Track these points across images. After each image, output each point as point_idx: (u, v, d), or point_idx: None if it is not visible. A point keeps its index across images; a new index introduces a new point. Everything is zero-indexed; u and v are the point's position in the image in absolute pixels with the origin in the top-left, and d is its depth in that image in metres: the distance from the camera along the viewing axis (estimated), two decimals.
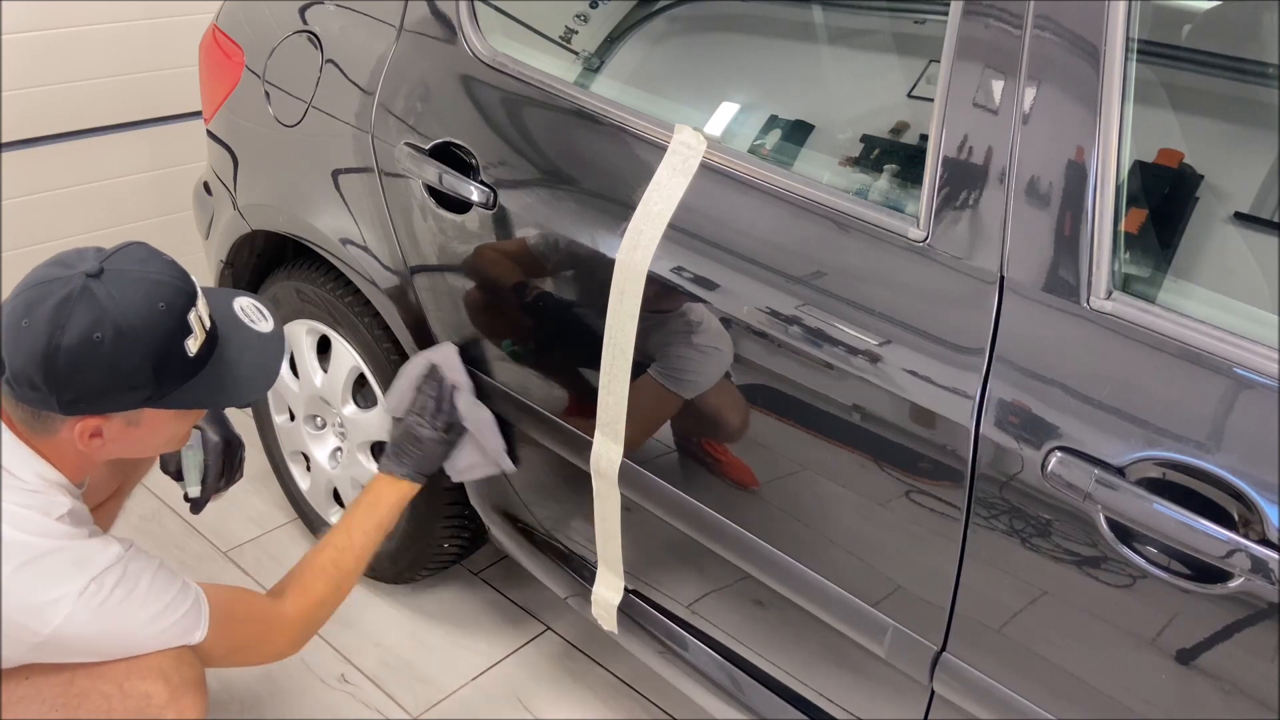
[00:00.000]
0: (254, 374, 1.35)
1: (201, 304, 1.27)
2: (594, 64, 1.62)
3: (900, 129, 1.38)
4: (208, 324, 1.28)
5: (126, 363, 1.20)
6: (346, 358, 1.94)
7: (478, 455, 1.69)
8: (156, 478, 1.69)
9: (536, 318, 1.59)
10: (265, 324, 1.38)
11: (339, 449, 2.10)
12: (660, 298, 1.37)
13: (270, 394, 2.17)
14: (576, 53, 1.65)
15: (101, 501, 1.64)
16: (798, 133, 1.44)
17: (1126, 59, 1.04)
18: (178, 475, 1.61)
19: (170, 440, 1.37)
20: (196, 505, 1.62)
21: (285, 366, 2.10)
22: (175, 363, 1.23)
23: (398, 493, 1.65)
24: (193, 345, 1.24)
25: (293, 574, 1.53)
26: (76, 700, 1.30)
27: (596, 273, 1.44)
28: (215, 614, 1.36)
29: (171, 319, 1.22)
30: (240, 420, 2.66)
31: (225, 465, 1.63)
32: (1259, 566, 0.95)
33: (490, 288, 1.63)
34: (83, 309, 1.17)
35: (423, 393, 1.65)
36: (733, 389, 1.35)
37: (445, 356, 1.66)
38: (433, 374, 1.65)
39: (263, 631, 1.46)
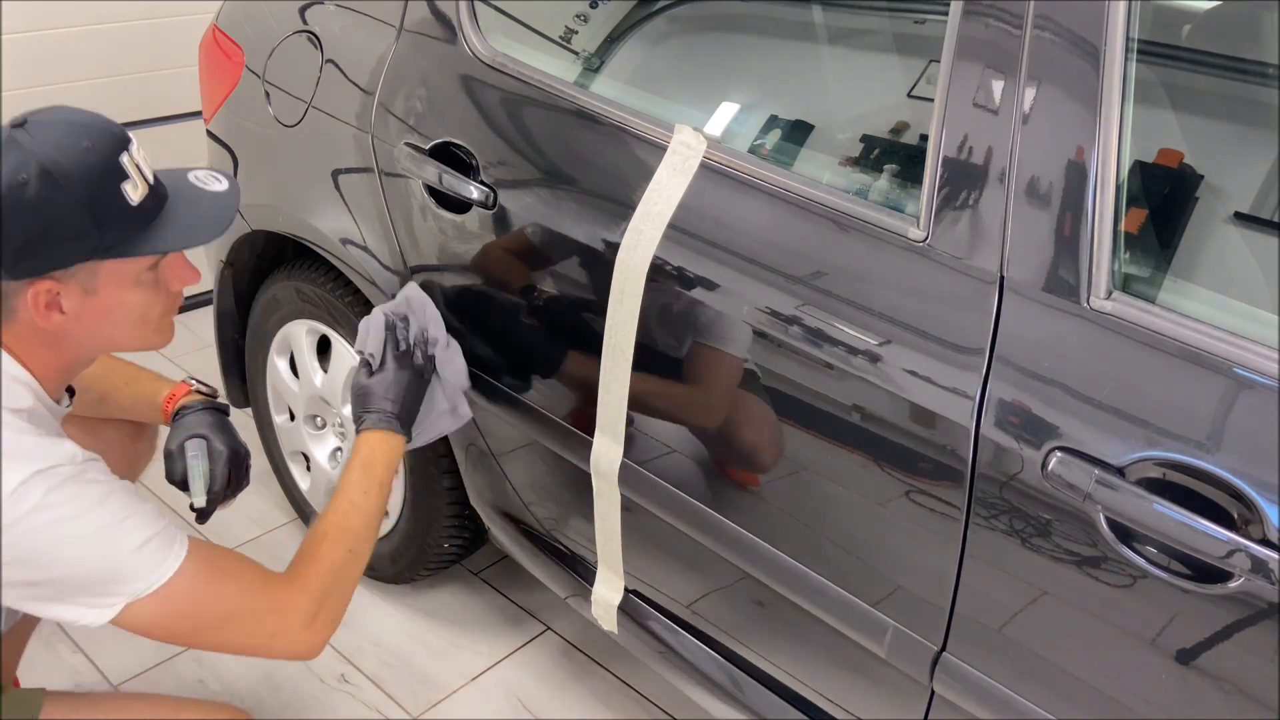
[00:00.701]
0: (207, 222, 1.28)
1: (137, 152, 1.22)
2: (594, 64, 1.62)
3: (900, 129, 1.38)
4: (149, 176, 1.22)
5: (58, 205, 1.14)
6: (346, 358, 1.94)
7: (438, 406, 1.58)
8: (157, 479, 1.69)
9: (536, 318, 1.59)
10: (220, 185, 1.32)
11: (339, 449, 2.10)
12: (667, 283, 1.37)
13: (270, 394, 2.18)
14: (576, 53, 1.65)
15: None
16: (798, 133, 1.44)
17: (1126, 59, 1.04)
18: (183, 485, 1.60)
19: (140, 320, 1.28)
20: (202, 515, 1.59)
21: (285, 366, 2.10)
22: (115, 210, 1.18)
23: (389, 448, 1.50)
24: (133, 193, 1.19)
25: (296, 554, 1.39)
26: None
27: (596, 273, 1.44)
28: (198, 561, 1.22)
29: (99, 158, 1.17)
30: (240, 420, 2.67)
31: (231, 474, 1.60)
32: (1259, 566, 0.95)
33: (490, 288, 1.63)
34: (7, 157, 1.14)
35: (391, 337, 1.54)
36: (734, 388, 1.35)
37: (410, 297, 1.57)
38: (397, 322, 1.55)
39: (264, 600, 1.29)
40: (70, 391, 1.40)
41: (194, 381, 1.67)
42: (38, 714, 1.32)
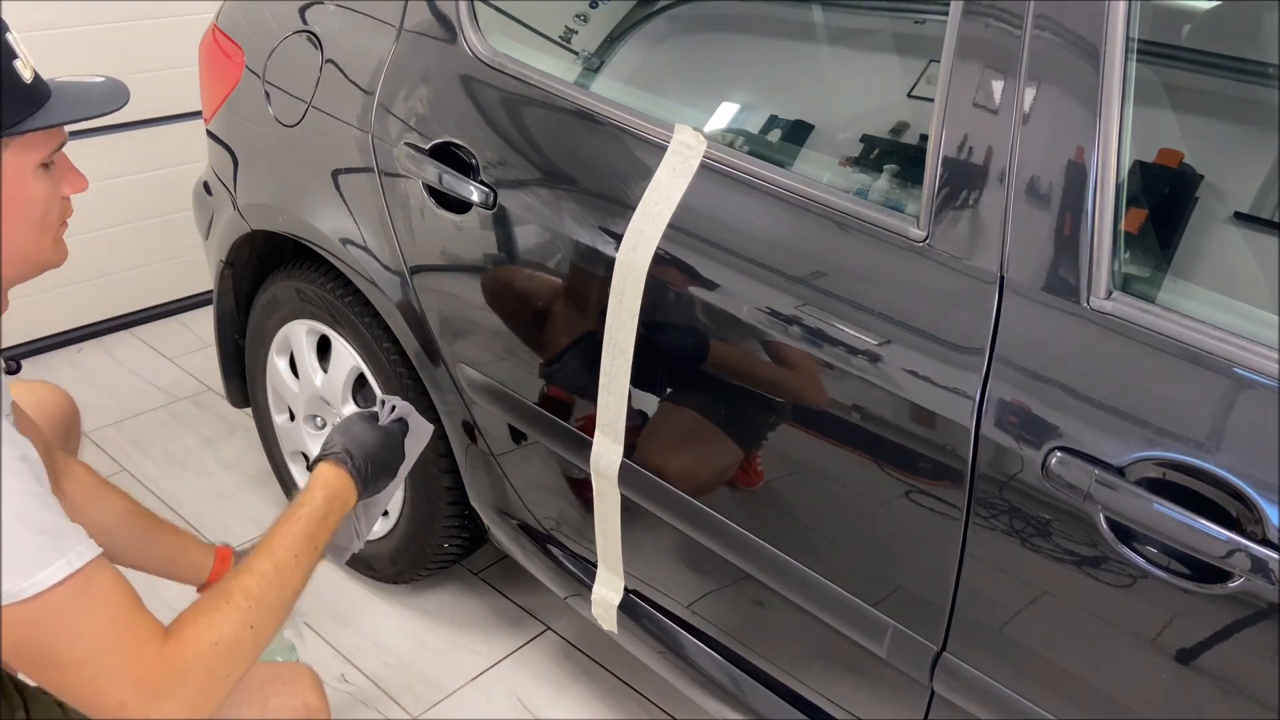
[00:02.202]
0: (103, 98, 1.17)
1: (16, 37, 1.13)
2: (594, 64, 1.62)
3: (900, 129, 1.38)
4: (32, 62, 1.12)
5: None
6: (346, 358, 1.94)
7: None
8: (157, 477, 1.69)
9: (536, 318, 1.59)
10: (98, 78, 1.21)
11: None
12: (667, 282, 1.37)
13: (270, 394, 2.18)
14: (576, 53, 1.65)
15: None
16: (798, 133, 1.44)
17: (1126, 59, 1.04)
18: None
19: (42, 221, 1.15)
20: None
21: (285, 366, 2.10)
22: (10, 86, 1.08)
23: (344, 502, 1.30)
24: (24, 70, 1.09)
25: (190, 608, 1.11)
26: None
27: (596, 273, 1.44)
28: (85, 579, 1.00)
29: None
30: (240, 419, 2.67)
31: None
32: (1259, 566, 0.95)
33: (490, 288, 1.63)
34: None
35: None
36: (734, 388, 1.35)
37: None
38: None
39: (124, 658, 1.01)
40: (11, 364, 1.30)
41: (233, 548, 1.62)
42: None
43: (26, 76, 1.10)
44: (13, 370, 1.30)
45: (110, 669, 1.01)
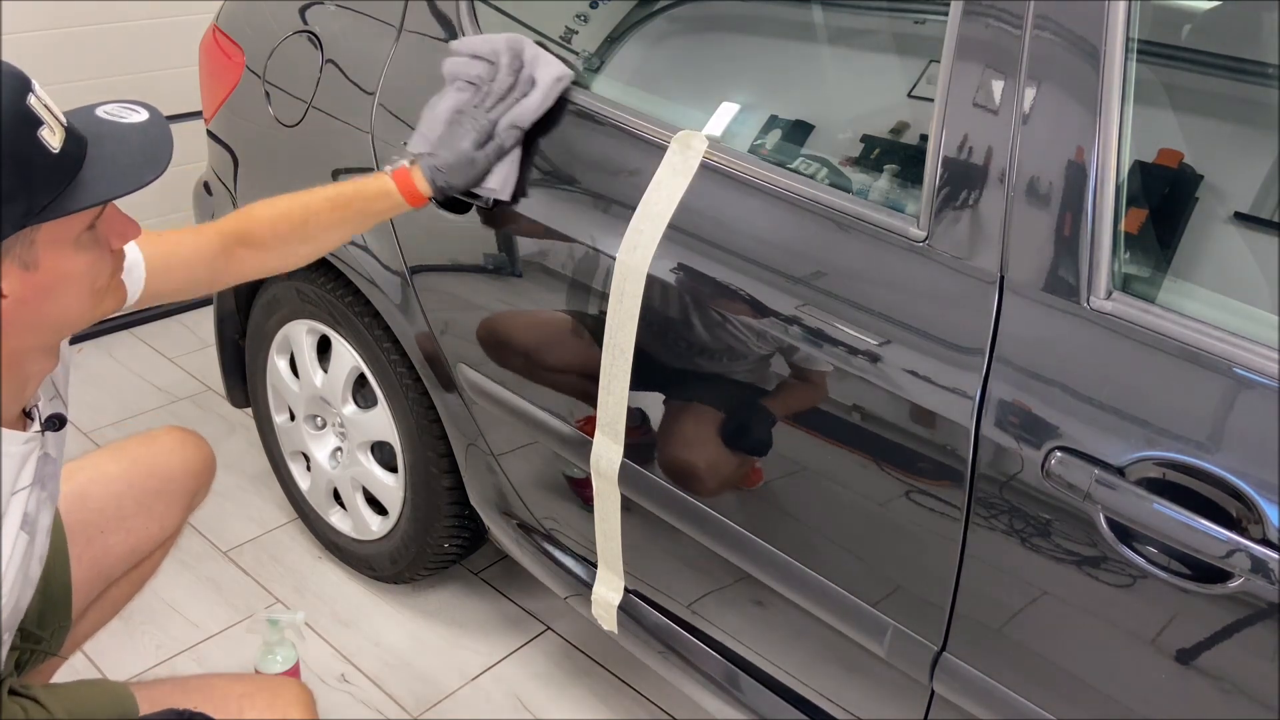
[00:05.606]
0: (145, 158, 1.09)
1: (42, 93, 1.02)
2: (594, 64, 1.62)
3: (900, 129, 1.38)
4: (61, 118, 1.04)
5: None
6: (346, 358, 1.94)
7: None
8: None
9: (536, 318, 1.59)
10: (138, 115, 1.13)
11: (339, 449, 2.10)
12: (667, 283, 1.37)
13: (270, 394, 2.18)
14: (577, 53, 1.65)
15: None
16: (798, 133, 1.44)
17: (1126, 59, 1.04)
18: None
19: (90, 289, 1.11)
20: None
21: (285, 366, 2.10)
22: (39, 162, 0.99)
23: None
24: (52, 139, 1.00)
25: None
26: None
27: (596, 273, 1.44)
28: None
29: (8, 104, 0.99)
30: (240, 420, 2.67)
31: None
32: (1259, 566, 0.95)
33: (490, 288, 1.63)
34: None
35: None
36: (734, 389, 1.35)
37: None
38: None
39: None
40: (53, 422, 1.22)
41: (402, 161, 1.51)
42: (135, 707, 1.28)
43: (55, 144, 1.01)
44: (56, 427, 1.23)
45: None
